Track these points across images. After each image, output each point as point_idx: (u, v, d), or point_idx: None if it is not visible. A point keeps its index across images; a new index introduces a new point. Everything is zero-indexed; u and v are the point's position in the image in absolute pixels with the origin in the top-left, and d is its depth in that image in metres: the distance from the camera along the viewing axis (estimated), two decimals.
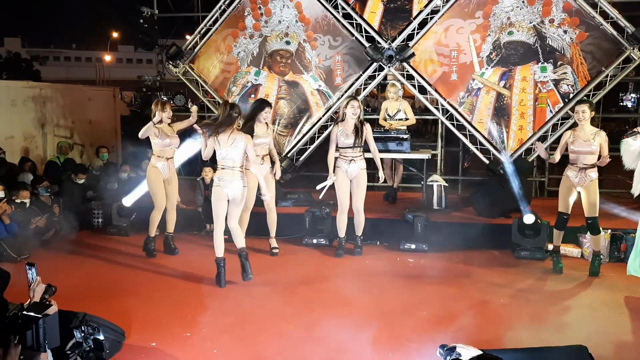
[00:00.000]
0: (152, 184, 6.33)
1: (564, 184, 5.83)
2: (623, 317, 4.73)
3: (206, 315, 4.74)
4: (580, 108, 5.63)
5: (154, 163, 6.30)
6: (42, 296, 3.27)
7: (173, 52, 8.64)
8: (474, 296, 5.23)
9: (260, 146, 6.19)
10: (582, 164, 5.64)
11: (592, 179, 5.63)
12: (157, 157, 6.29)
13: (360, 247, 6.55)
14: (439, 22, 7.96)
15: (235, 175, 5.34)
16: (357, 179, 6.30)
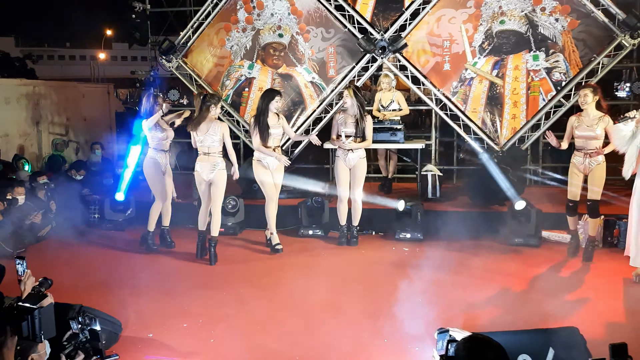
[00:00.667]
0: (151, 177, 6.38)
1: (571, 171, 5.84)
2: (614, 301, 4.78)
3: (202, 306, 4.78)
4: (582, 92, 5.63)
5: (152, 155, 6.33)
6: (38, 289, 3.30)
7: (166, 47, 8.64)
8: (469, 283, 5.28)
9: (272, 137, 6.18)
10: (587, 149, 5.64)
11: (599, 162, 5.64)
12: (154, 150, 6.33)
13: (356, 237, 6.59)
14: (431, 13, 7.97)
15: (210, 160, 5.92)
16: (355, 169, 6.33)
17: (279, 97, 6.27)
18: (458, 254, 6.20)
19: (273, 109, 6.18)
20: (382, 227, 7.09)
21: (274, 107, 6.19)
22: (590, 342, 3.41)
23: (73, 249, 6.69)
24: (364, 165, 6.42)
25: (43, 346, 2.95)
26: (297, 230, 7.12)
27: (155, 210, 6.45)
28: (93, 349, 3.51)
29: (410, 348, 3.93)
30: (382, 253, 6.36)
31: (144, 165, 6.41)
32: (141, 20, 9.06)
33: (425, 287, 5.15)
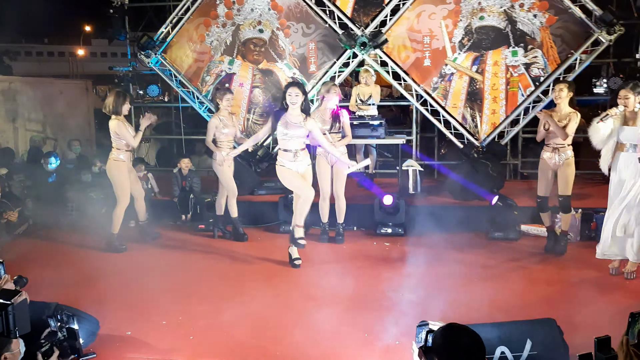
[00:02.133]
0: (117, 178, 6.16)
1: (540, 167, 5.91)
2: (591, 293, 4.83)
3: (181, 303, 4.74)
4: (558, 87, 5.71)
5: (116, 156, 6.12)
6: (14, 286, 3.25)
7: (144, 42, 8.54)
8: (450, 277, 5.30)
9: (293, 139, 5.41)
10: (554, 144, 5.72)
11: (568, 157, 5.70)
12: (119, 150, 6.13)
13: (342, 235, 6.57)
14: (411, 8, 8.00)
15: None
16: (337, 165, 6.31)
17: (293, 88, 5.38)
18: (439, 249, 6.22)
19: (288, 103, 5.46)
20: (363, 222, 7.10)
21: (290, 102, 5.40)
22: (567, 333, 3.46)
23: (49, 246, 6.60)
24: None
25: (17, 345, 2.89)
26: (278, 227, 7.10)
27: (119, 213, 6.27)
28: (71, 348, 3.47)
29: (391, 342, 3.94)
30: (363, 248, 6.37)
31: (108, 167, 6.19)
32: (119, 15, 8.93)
33: (407, 281, 5.18)
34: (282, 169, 5.50)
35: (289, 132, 5.35)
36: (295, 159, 5.41)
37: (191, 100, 8.83)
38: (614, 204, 5.10)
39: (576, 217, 6.39)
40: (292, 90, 5.29)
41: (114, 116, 6.09)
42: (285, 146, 5.43)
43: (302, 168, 5.49)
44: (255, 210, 7.27)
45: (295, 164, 5.43)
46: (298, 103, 5.30)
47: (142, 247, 6.45)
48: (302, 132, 5.38)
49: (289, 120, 5.35)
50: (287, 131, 5.35)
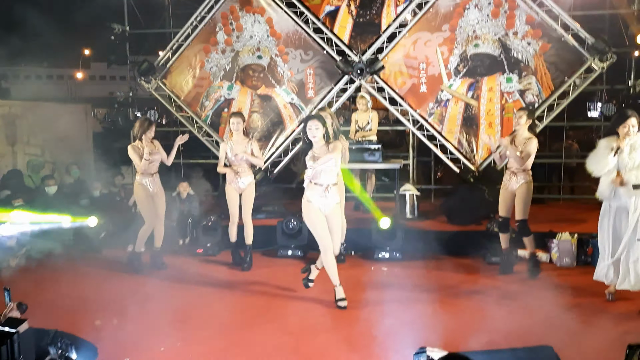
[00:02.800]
0: (140, 201, 6.44)
1: (502, 189, 6.06)
2: (589, 319, 4.85)
3: (179, 329, 4.74)
4: (518, 114, 5.87)
5: (139, 180, 6.37)
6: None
7: (145, 68, 8.66)
8: (447, 302, 5.32)
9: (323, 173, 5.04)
10: (514, 168, 5.88)
11: (524, 181, 5.86)
12: (142, 174, 6.35)
13: (343, 255, 6.58)
14: (407, 36, 8.15)
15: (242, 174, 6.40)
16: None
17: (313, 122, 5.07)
18: (436, 273, 6.27)
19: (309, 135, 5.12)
20: (360, 246, 7.12)
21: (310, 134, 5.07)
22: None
23: (47, 271, 6.60)
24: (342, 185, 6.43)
25: None
26: (275, 251, 7.12)
27: (144, 233, 6.48)
28: None
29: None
30: (360, 273, 6.38)
31: (134, 189, 6.48)
32: (120, 41, 9.07)
33: (404, 307, 5.19)
34: (308, 206, 5.08)
35: (317, 166, 4.95)
36: (326, 194, 5.04)
37: (190, 125, 8.91)
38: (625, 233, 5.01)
39: (572, 242, 6.44)
40: (311, 124, 4.97)
41: (134, 142, 6.34)
42: (316, 179, 5.05)
43: (329, 206, 5.10)
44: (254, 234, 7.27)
45: (325, 200, 5.05)
46: (319, 136, 4.96)
47: (140, 273, 6.44)
48: (331, 163, 4.98)
49: (315, 154, 4.99)
50: (315, 164, 4.96)
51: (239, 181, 6.37)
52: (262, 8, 8.53)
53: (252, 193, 6.46)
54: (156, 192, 6.46)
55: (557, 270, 6.35)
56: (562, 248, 6.47)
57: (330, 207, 5.09)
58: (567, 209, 8.27)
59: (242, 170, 6.37)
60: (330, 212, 5.10)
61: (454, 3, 7.98)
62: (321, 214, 5.07)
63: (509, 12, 7.81)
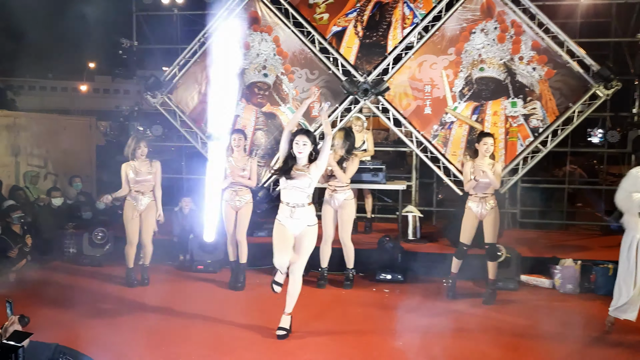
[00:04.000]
0: (125, 218, 6.41)
1: (466, 216, 6.02)
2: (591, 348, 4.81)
3: (179, 346, 4.69)
4: (488, 140, 5.90)
5: (129, 197, 6.37)
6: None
7: (151, 83, 8.70)
8: (449, 326, 5.28)
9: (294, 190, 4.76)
10: (482, 193, 5.89)
11: (492, 206, 5.91)
12: (132, 192, 6.36)
13: (350, 281, 6.51)
14: (413, 58, 8.19)
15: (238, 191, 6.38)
16: (342, 209, 6.33)
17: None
18: (438, 297, 6.23)
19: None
20: (362, 267, 7.08)
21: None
22: None
23: (47, 284, 6.56)
24: (352, 206, 6.43)
25: None
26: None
27: (127, 251, 6.45)
28: None
29: None
30: (362, 294, 6.34)
31: (124, 205, 6.43)
32: (128, 56, 9.14)
33: (406, 330, 5.15)
34: (276, 224, 4.83)
35: (290, 182, 4.70)
36: (292, 215, 4.73)
37: (194, 140, 8.93)
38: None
39: (575, 269, 6.41)
40: (299, 139, 4.70)
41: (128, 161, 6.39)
42: (285, 198, 4.79)
43: (299, 228, 4.77)
44: (255, 252, 7.24)
45: (292, 220, 4.73)
46: (305, 153, 4.71)
47: (140, 288, 6.41)
48: (306, 181, 4.70)
49: (294, 168, 4.72)
50: (289, 181, 4.70)
51: (237, 199, 6.34)
52: (269, 27, 8.60)
53: (249, 212, 6.43)
54: (146, 211, 6.42)
55: (560, 297, 6.31)
56: (565, 274, 6.44)
57: (299, 229, 4.75)
58: (569, 235, 8.26)
59: (239, 188, 6.34)
60: (300, 234, 4.78)
61: (460, 27, 8.05)
62: (285, 230, 4.75)
63: (515, 37, 7.87)
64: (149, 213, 6.44)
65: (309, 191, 4.76)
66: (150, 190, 6.44)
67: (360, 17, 8.79)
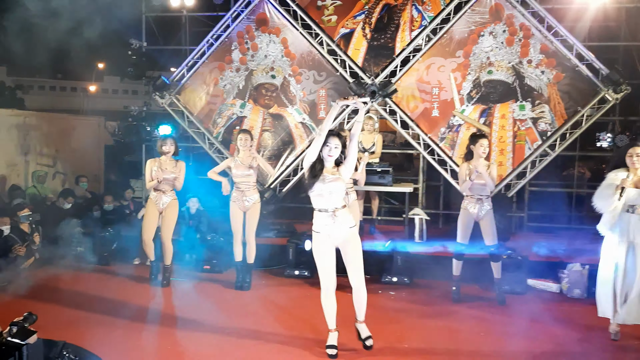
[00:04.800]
0: (145, 214, 6.59)
1: (462, 217, 6.06)
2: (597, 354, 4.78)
3: (185, 345, 4.71)
4: (484, 142, 5.89)
5: (150, 194, 6.49)
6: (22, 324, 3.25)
7: (160, 84, 8.75)
8: (454, 329, 5.27)
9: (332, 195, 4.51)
10: (478, 195, 5.91)
11: (489, 208, 5.93)
12: (153, 190, 6.44)
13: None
14: (421, 60, 8.19)
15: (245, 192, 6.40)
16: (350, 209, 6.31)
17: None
18: (444, 300, 6.21)
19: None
20: (368, 269, 7.05)
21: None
22: None
23: (55, 282, 6.60)
24: (356, 207, 6.42)
25: None
26: (283, 270, 7.10)
27: (143, 246, 6.57)
28: None
29: None
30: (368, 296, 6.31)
31: (146, 204, 6.62)
32: (137, 56, 9.19)
33: (411, 333, 5.14)
34: (315, 237, 4.55)
35: (325, 188, 4.44)
36: (334, 220, 4.48)
37: (202, 141, 8.96)
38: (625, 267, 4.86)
39: (583, 273, 6.37)
40: (331, 141, 4.45)
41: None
42: (321, 205, 4.53)
43: (341, 233, 4.50)
44: (261, 253, 7.26)
45: (334, 227, 4.46)
46: (335, 156, 4.49)
47: (147, 286, 6.44)
48: (340, 185, 4.47)
49: (325, 173, 4.48)
50: (324, 186, 4.44)
51: (244, 199, 6.35)
52: (277, 28, 8.63)
53: (257, 212, 6.44)
54: (166, 210, 6.44)
55: (568, 301, 6.28)
56: (572, 279, 6.40)
57: (342, 235, 4.52)
58: (577, 239, 8.20)
59: (247, 188, 6.35)
60: (344, 241, 4.52)
61: (468, 30, 8.04)
62: (330, 246, 4.50)
63: (523, 40, 7.85)
64: (170, 211, 6.46)
65: (344, 194, 4.60)
66: (171, 190, 6.47)
67: (368, 19, 8.79)
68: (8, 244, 6.63)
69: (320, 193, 4.45)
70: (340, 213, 4.49)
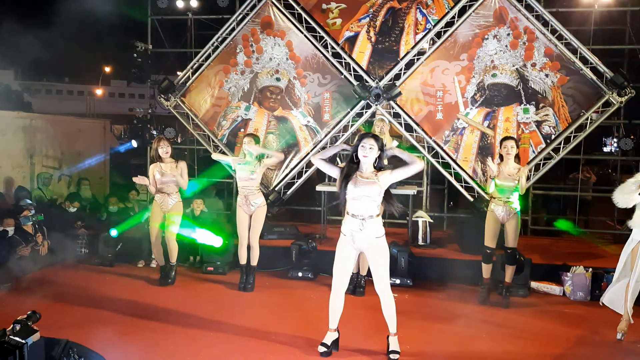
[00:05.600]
0: (150, 218, 6.62)
1: (489, 220, 6.05)
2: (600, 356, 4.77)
3: (187, 345, 4.72)
4: (509, 143, 5.91)
5: (155, 197, 6.56)
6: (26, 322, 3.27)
7: (165, 86, 8.79)
8: (456, 331, 5.27)
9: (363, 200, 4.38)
10: (505, 197, 5.90)
11: (516, 210, 5.91)
12: (157, 192, 6.53)
13: (363, 287, 6.40)
14: (425, 63, 8.20)
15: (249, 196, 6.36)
16: None
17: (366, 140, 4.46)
18: (446, 302, 6.21)
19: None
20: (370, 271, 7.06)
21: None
22: None
23: (59, 282, 6.63)
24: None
25: None
26: (286, 272, 7.11)
27: (152, 248, 6.66)
28: None
29: None
30: (370, 298, 6.31)
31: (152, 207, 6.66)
32: (142, 59, 9.24)
33: (413, 334, 5.14)
34: (340, 238, 4.50)
35: (358, 191, 4.33)
36: (361, 228, 4.36)
37: (206, 143, 9.00)
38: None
39: (586, 276, 6.36)
40: (366, 142, 4.34)
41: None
42: (352, 210, 4.42)
43: (367, 241, 4.41)
44: (265, 255, 7.28)
45: (360, 234, 4.37)
46: (371, 157, 4.34)
47: (150, 287, 6.47)
48: (376, 189, 4.34)
49: (358, 176, 4.38)
50: (356, 189, 4.34)
51: (249, 204, 6.38)
52: (282, 31, 8.67)
53: (262, 216, 6.45)
54: (171, 211, 6.51)
55: (571, 304, 6.26)
56: (576, 282, 6.39)
57: (367, 243, 4.42)
58: (581, 243, 8.18)
59: (249, 193, 6.37)
60: (368, 247, 4.44)
61: (472, 33, 8.05)
62: (352, 250, 4.47)
63: (527, 43, 7.85)
64: (175, 213, 6.53)
65: (379, 200, 4.40)
66: (176, 192, 6.55)
67: (373, 23, 8.80)
68: (12, 245, 6.67)
69: (353, 196, 4.35)
70: (369, 223, 4.36)
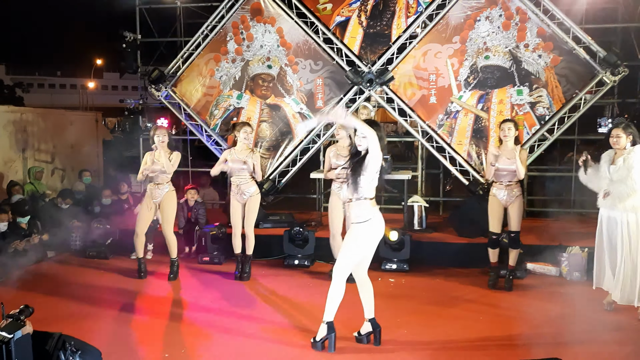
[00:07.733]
0: (140, 209, 6.47)
1: (491, 204, 6.02)
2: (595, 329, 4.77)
3: (183, 336, 4.71)
4: (506, 125, 5.83)
5: (147, 189, 6.40)
6: (18, 316, 3.24)
7: (155, 76, 8.71)
8: (453, 314, 5.27)
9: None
10: (507, 181, 5.86)
11: (518, 194, 5.88)
12: (150, 182, 6.37)
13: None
14: (417, 47, 8.14)
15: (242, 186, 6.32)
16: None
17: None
18: (444, 285, 6.21)
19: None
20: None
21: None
22: None
23: (54, 276, 6.61)
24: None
25: None
26: (282, 260, 7.09)
27: (134, 241, 6.40)
28: None
29: None
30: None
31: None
32: (131, 49, 9.14)
33: (410, 318, 5.14)
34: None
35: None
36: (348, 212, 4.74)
37: (199, 133, 8.94)
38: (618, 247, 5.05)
39: (583, 256, 6.36)
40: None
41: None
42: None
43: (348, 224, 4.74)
44: (260, 244, 7.26)
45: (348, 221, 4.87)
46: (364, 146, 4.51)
47: (146, 280, 6.44)
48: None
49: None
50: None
51: (242, 193, 6.33)
52: (272, 18, 8.58)
53: (256, 205, 6.39)
54: (163, 202, 6.34)
55: (567, 283, 6.27)
56: (572, 262, 6.39)
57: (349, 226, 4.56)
58: (577, 223, 8.18)
59: (242, 182, 6.31)
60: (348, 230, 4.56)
61: (464, 15, 7.98)
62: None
63: (520, 24, 7.79)
64: (167, 204, 6.32)
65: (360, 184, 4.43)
66: (167, 182, 6.33)
67: (363, 7, 8.73)
68: (6, 240, 6.62)
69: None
70: (350, 205, 4.38)
